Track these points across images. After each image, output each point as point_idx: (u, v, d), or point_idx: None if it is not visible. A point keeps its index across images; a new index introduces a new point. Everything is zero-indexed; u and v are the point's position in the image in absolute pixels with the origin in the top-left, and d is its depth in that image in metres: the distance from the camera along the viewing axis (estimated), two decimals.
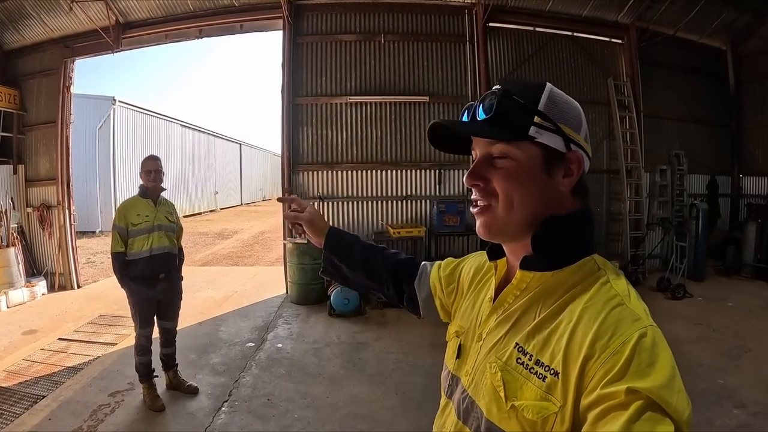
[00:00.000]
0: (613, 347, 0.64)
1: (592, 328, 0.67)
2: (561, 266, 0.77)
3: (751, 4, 8.44)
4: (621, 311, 0.68)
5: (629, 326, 0.66)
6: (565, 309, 0.73)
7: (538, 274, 0.78)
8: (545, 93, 0.78)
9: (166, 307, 3.84)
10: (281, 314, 6.12)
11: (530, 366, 0.72)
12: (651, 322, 0.68)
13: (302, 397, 3.89)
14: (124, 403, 3.71)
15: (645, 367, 0.61)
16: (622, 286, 0.74)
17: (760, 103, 9.21)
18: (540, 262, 0.78)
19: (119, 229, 3.60)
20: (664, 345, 0.65)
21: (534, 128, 0.76)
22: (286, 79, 7.06)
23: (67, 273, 7.59)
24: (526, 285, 0.80)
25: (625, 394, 0.59)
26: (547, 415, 0.68)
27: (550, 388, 0.68)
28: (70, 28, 7.41)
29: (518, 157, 0.77)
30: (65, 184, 7.60)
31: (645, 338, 0.64)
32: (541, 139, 0.76)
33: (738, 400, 3.79)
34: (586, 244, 0.80)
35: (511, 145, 0.77)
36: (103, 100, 14.46)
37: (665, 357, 0.64)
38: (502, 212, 0.78)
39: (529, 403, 0.70)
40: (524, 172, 0.77)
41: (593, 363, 0.65)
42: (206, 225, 17.66)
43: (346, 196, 7.26)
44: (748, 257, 7.99)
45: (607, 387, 0.62)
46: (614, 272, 0.77)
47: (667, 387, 0.60)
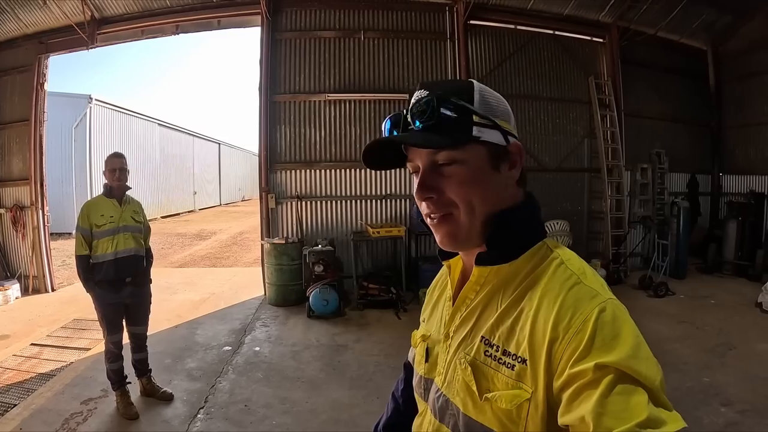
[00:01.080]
0: (576, 326, 0.65)
1: (552, 312, 0.68)
2: (516, 256, 0.77)
3: (731, 5, 8.52)
4: (578, 290, 0.69)
5: (588, 303, 0.67)
6: (525, 296, 0.74)
7: (494, 267, 0.78)
8: (476, 91, 0.78)
9: (135, 311, 3.70)
10: (259, 316, 6.01)
11: (498, 357, 0.73)
12: (609, 296, 0.69)
13: (281, 402, 3.79)
14: (97, 411, 3.58)
15: (609, 340, 0.62)
16: (577, 264, 0.75)
17: (740, 103, 9.32)
18: (495, 256, 0.78)
19: (82, 231, 3.46)
20: (625, 317, 0.66)
21: (476, 128, 0.75)
22: (263, 76, 6.94)
23: (41, 276, 7.39)
24: (484, 279, 0.80)
25: (593, 371, 0.60)
26: (520, 402, 0.69)
27: (520, 375, 0.69)
28: (44, 24, 7.21)
29: (467, 160, 0.76)
30: (39, 184, 7.41)
31: (605, 313, 0.65)
32: (484, 137, 0.76)
33: (725, 398, 3.78)
34: (536, 230, 0.81)
35: (457, 149, 0.76)
36: (80, 99, 14.18)
37: (627, 328, 0.64)
38: (465, 219, 0.77)
39: (502, 393, 0.71)
40: (476, 174, 0.76)
41: (558, 345, 0.65)
42: (184, 226, 17.46)
43: (324, 195, 7.16)
44: (728, 255, 8.06)
45: (575, 366, 0.62)
46: (567, 252, 0.78)
47: (633, 356, 0.61)
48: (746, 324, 5.60)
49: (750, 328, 5.47)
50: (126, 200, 3.64)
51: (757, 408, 3.65)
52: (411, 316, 5.88)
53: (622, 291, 6.92)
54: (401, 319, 5.82)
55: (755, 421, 3.49)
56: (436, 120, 0.74)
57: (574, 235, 7.49)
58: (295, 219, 7.05)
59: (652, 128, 8.85)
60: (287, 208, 7.10)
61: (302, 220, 7.05)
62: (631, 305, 0.70)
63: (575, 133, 8.10)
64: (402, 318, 5.87)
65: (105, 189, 3.60)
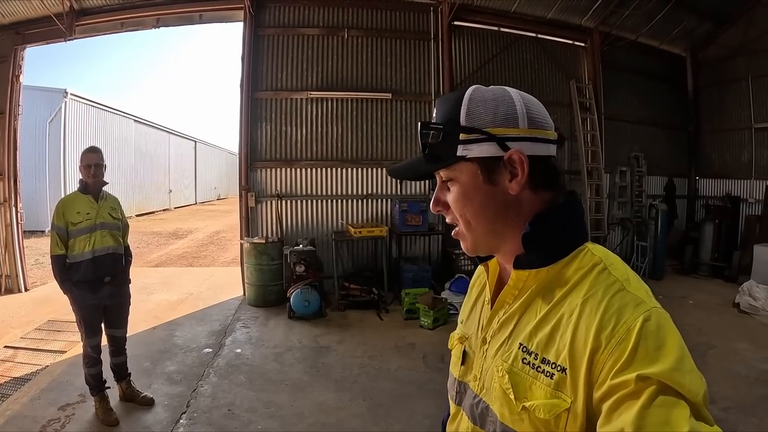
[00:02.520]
0: (619, 336, 0.63)
1: (595, 319, 0.66)
2: (554, 260, 0.75)
3: (712, 13, 8.72)
4: (622, 297, 0.67)
5: (632, 312, 0.65)
6: (566, 302, 0.72)
7: (533, 271, 0.76)
8: (463, 105, 0.76)
9: (114, 313, 3.58)
10: (239, 317, 5.93)
11: (536, 365, 0.71)
12: (654, 304, 0.67)
13: (265, 406, 3.73)
14: (75, 417, 3.47)
15: (653, 351, 0.61)
16: (621, 270, 0.73)
17: (717, 109, 9.55)
18: (532, 260, 0.76)
19: (58, 230, 3.33)
20: (670, 326, 0.65)
21: (461, 147, 0.75)
22: (245, 72, 6.84)
23: (14, 275, 7.17)
24: (522, 284, 0.78)
25: (635, 382, 0.59)
26: (558, 412, 0.67)
27: (559, 385, 0.68)
28: (21, 14, 6.99)
29: (458, 178, 0.78)
30: (12, 180, 7.18)
31: (649, 322, 0.63)
32: (471, 154, 0.75)
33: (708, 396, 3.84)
34: (576, 234, 0.78)
35: (449, 170, 0.78)
36: (55, 93, 13.81)
37: (672, 338, 0.63)
38: (465, 231, 0.80)
39: (540, 402, 0.69)
40: (467, 191, 0.77)
41: (600, 354, 0.64)
42: (160, 224, 17.17)
43: (305, 194, 7.09)
44: (705, 256, 8.24)
45: (617, 377, 0.61)
46: (611, 257, 0.76)
47: (677, 369, 0.59)
48: (724, 324, 5.76)
49: (728, 327, 5.63)
50: (103, 196, 3.52)
51: (739, 405, 3.76)
52: (393, 317, 5.87)
53: None
54: (383, 320, 5.80)
55: (738, 418, 3.58)
56: (426, 147, 0.78)
57: None
58: (275, 218, 6.96)
59: (631, 132, 9.03)
60: (267, 207, 7.01)
61: (282, 219, 6.97)
62: None
63: None
64: (384, 319, 5.84)
65: (80, 185, 3.47)
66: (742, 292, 6.28)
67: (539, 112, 0.78)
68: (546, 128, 0.78)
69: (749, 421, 3.55)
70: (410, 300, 5.75)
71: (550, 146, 0.78)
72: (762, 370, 4.40)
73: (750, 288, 6.23)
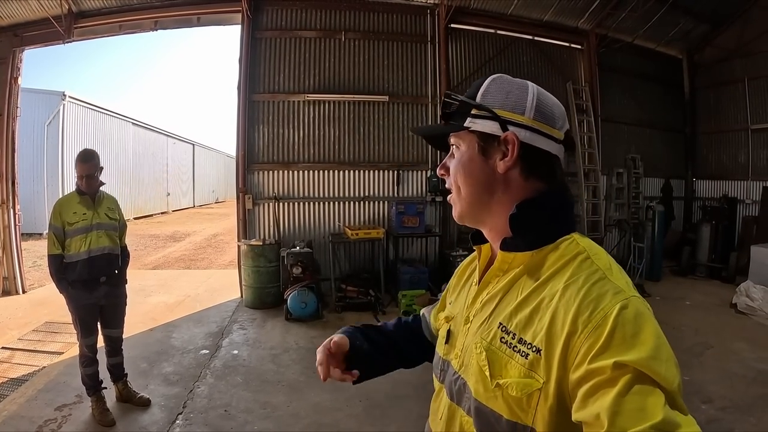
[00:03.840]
0: (596, 321, 0.64)
1: (574, 304, 0.68)
2: (540, 245, 0.78)
3: (708, 15, 8.76)
4: (602, 285, 0.69)
5: (611, 299, 0.66)
6: (547, 286, 0.74)
7: (519, 254, 0.79)
8: (484, 85, 0.84)
9: (110, 313, 3.58)
10: (236, 319, 5.93)
11: (513, 344, 0.73)
12: (633, 293, 0.69)
13: (261, 407, 3.73)
14: (71, 418, 3.48)
15: (629, 338, 0.62)
16: (604, 260, 0.75)
17: (714, 110, 9.59)
18: (519, 243, 0.79)
19: (55, 230, 3.35)
20: (648, 315, 0.66)
21: (469, 119, 0.82)
22: (242, 75, 6.85)
23: (12, 277, 7.15)
24: (507, 266, 0.81)
25: (612, 369, 0.60)
26: (531, 391, 0.69)
27: (533, 365, 0.70)
28: (20, 16, 7.01)
29: (460, 146, 0.84)
30: (10, 182, 7.18)
31: (627, 309, 0.65)
32: (475, 127, 0.82)
33: (705, 396, 3.88)
34: (565, 223, 0.82)
35: (457, 136, 0.85)
36: (53, 95, 13.80)
37: (650, 326, 0.64)
38: (455, 197, 0.86)
39: (513, 380, 0.71)
40: (465, 159, 0.83)
41: (577, 338, 0.65)
42: (158, 227, 17.14)
43: (302, 196, 7.10)
44: (702, 257, 8.25)
45: (593, 362, 0.62)
46: (595, 248, 0.78)
47: (654, 357, 0.61)
48: (722, 324, 5.76)
49: (725, 327, 5.64)
50: (100, 197, 3.53)
51: (736, 404, 3.77)
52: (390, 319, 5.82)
53: None
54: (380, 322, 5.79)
55: (735, 417, 3.59)
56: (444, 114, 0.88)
57: None
58: (272, 220, 6.97)
59: (628, 133, 9.06)
60: (264, 209, 7.02)
61: (280, 221, 6.97)
62: None
63: None
64: (381, 320, 5.83)
65: (77, 186, 3.48)
66: (739, 293, 6.29)
67: (552, 111, 0.82)
68: (552, 126, 0.82)
69: (746, 421, 3.56)
70: (407, 302, 5.76)
71: (552, 143, 0.82)
72: (759, 369, 4.41)
73: (747, 288, 6.25)
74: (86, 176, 3.42)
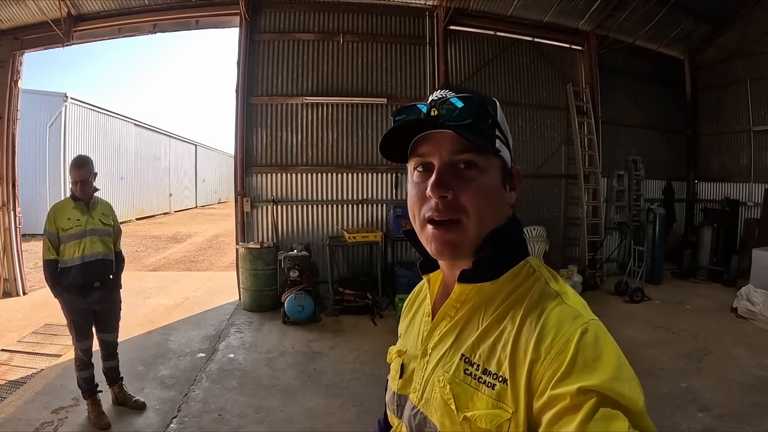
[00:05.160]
0: (557, 347, 0.64)
1: (534, 332, 0.67)
2: (499, 275, 0.76)
3: (709, 16, 8.71)
4: (561, 311, 0.69)
5: (570, 324, 0.66)
6: (507, 315, 0.72)
7: (476, 285, 0.76)
8: (499, 107, 0.79)
9: (104, 318, 3.61)
10: (234, 322, 5.94)
11: (478, 376, 0.72)
12: (591, 317, 0.69)
13: (255, 411, 3.74)
14: (68, 421, 3.51)
15: (591, 362, 0.61)
16: (559, 284, 0.75)
17: (716, 112, 9.53)
18: (478, 275, 0.76)
19: (49, 235, 3.38)
20: (606, 337, 0.66)
21: (498, 141, 0.77)
22: (241, 78, 6.85)
23: (12, 279, 7.19)
24: (465, 297, 0.78)
25: (576, 395, 0.59)
26: (500, 422, 0.67)
27: (500, 395, 0.68)
28: (20, 19, 7.04)
29: (487, 169, 0.75)
30: (11, 185, 7.22)
31: (587, 334, 0.64)
32: (502, 152, 0.77)
33: (702, 404, 3.84)
34: (519, 249, 0.80)
35: (481, 155, 0.74)
36: (54, 97, 13.86)
37: (609, 349, 0.64)
38: (473, 229, 0.74)
39: (481, 412, 0.69)
40: (492, 185, 0.76)
41: (540, 365, 0.64)
42: (159, 228, 17.19)
43: (300, 199, 7.10)
44: (703, 260, 8.19)
45: (556, 387, 0.61)
46: (548, 272, 0.78)
47: (616, 378, 0.60)
48: (722, 329, 5.71)
49: (725, 332, 5.58)
50: (94, 203, 3.55)
51: (734, 413, 3.73)
52: (387, 322, 5.86)
53: (598, 296, 7.00)
54: (377, 325, 5.80)
55: (733, 426, 3.55)
56: (472, 121, 0.73)
57: (551, 240, 7.52)
58: (270, 223, 6.98)
59: (629, 135, 9.02)
60: (263, 212, 7.02)
61: (278, 224, 6.98)
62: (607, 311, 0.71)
63: (552, 139, 8.18)
64: (378, 324, 5.84)
65: (72, 192, 3.51)
66: (740, 297, 6.23)
67: None
68: None
69: (743, 429, 3.52)
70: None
71: None
72: (758, 376, 4.36)
73: (748, 292, 6.18)
74: (80, 182, 3.43)
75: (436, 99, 0.76)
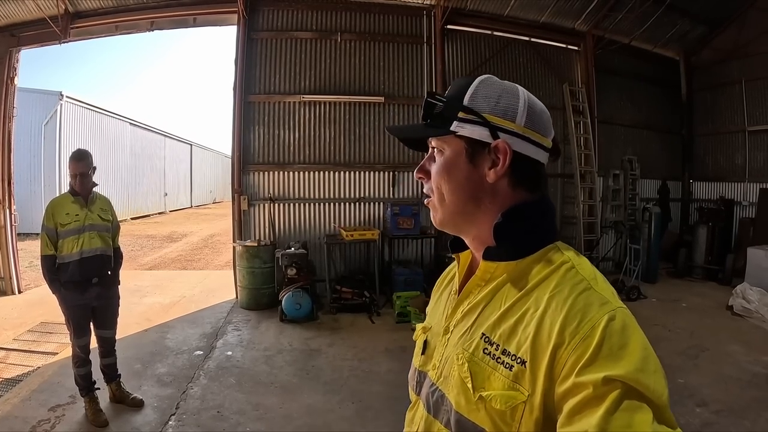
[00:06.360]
0: (583, 332, 0.63)
1: (560, 315, 0.66)
2: (524, 255, 0.76)
3: (705, 16, 8.77)
4: (588, 295, 0.68)
5: (597, 310, 0.65)
6: (531, 296, 0.72)
7: (501, 264, 0.77)
8: (471, 87, 0.79)
9: (102, 314, 3.58)
10: (231, 320, 5.91)
11: (496, 356, 0.71)
12: (620, 304, 0.67)
13: (254, 408, 3.73)
14: (65, 418, 3.47)
15: (617, 350, 0.61)
16: (588, 270, 0.74)
17: (711, 112, 9.59)
18: (502, 252, 0.77)
19: (47, 230, 3.34)
20: (634, 326, 0.65)
21: (456, 123, 0.78)
22: (238, 76, 6.85)
23: (7, 277, 7.13)
24: (490, 275, 0.79)
25: (600, 384, 0.58)
26: (515, 404, 0.67)
27: (517, 377, 0.68)
28: (16, 16, 6.99)
29: (445, 151, 0.80)
30: (6, 182, 7.17)
31: (614, 321, 0.63)
32: (462, 132, 0.78)
33: (700, 399, 3.87)
34: (548, 233, 0.79)
35: (441, 140, 0.80)
36: (50, 95, 13.77)
37: (637, 338, 0.63)
38: (437, 204, 0.82)
39: (497, 393, 0.69)
40: (450, 165, 0.79)
41: (564, 350, 0.64)
42: (155, 227, 17.12)
43: (298, 197, 7.09)
44: (698, 259, 8.26)
45: (581, 375, 0.61)
46: (578, 257, 0.77)
47: (641, 369, 0.60)
48: (717, 326, 5.76)
49: (721, 330, 5.63)
50: (93, 198, 3.52)
51: (731, 408, 3.76)
52: (384, 320, 5.87)
53: None
54: (374, 323, 5.80)
55: (730, 421, 3.58)
56: (426, 115, 0.82)
57: None
58: (267, 221, 6.96)
59: (625, 135, 9.08)
60: (260, 210, 7.01)
61: (275, 222, 6.97)
62: None
63: None
64: (375, 322, 5.84)
65: (70, 187, 3.48)
66: (736, 295, 6.29)
67: (541, 117, 0.79)
68: (542, 134, 0.79)
69: (741, 424, 3.55)
70: (402, 303, 5.75)
71: (541, 152, 0.79)
72: (754, 372, 4.40)
73: (743, 290, 6.24)
74: (80, 174, 3.40)
75: None
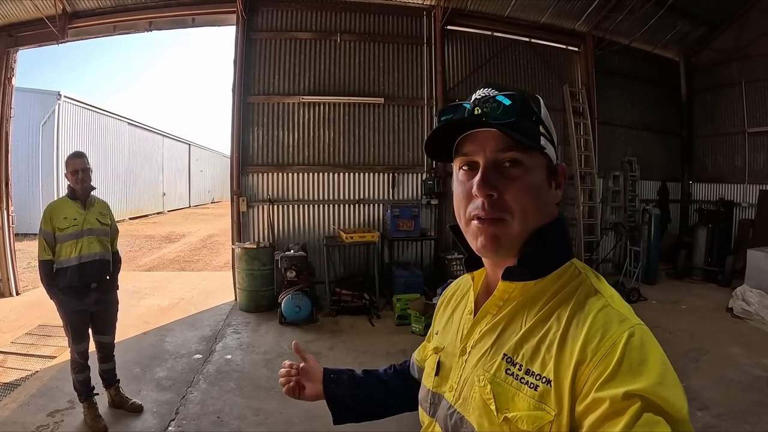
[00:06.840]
0: (604, 349, 0.64)
1: (581, 333, 0.67)
2: (544, 274, 0.76)
3: (705, 18, 8.76)
4: (607, 313, 0.68)
5: (617, 327, 0.66)
6: (552, 316, 0.72)
7: (521, 283, 0.76)
8: (542, 105, 0.78)
9: (101, 320, 3.54)
10: (230, 323, 5.88)
11: (520, 376, 0.71)
12: (638, 321, 0.69)
13: (254, 413, 3.69)
14: (63, 424, 3.44)
15: (636, 365, 0.61)
16: (605, 288, 0.75)
17: (710, 113, 9.60)
18: (524, 273, 0.76)
19: (45, 235, 3.29)
20: (653, 342, 0.66)
21: (543, 139, 0.76)
22: (237, 76, 6.82)
23: (5, 279, 7.09)
24: (509, 295, 0.78)
25: (621, 399, 0.59)
26: (542, 424, 0.67)
27: (543, 396, 0.67)
28: (14, 16, 6.96)
29: (532, 168, 0.75)
30: (4, 183, 7.12)
31: (634, 337, 0.64)
32: (547, 150, 0.77)
33: (701, 402, 3.85)
34: (565, 250, 0.80)
35: (526, 153, 0.74)
36: (48, 95, 13.73)
37: (655, 353, 0.64)
38: (517, 227, 0.75)
39: (523, 413, 0.68)
40: (537, 183, 0.76)
41: (586, 367, 0.64)
42: (153, 227, 17.07)
43: (297, 199, 7.07)
44: (698, 261, 8.25)
45: (601, 390, 0.61)
46: (594, 275, 0.77)
47: (660, 383, 0.60)
48: (718, 328, 5.74)
49: (722, 332, 5.61)
50: (91, 201, 3.48)
51: (733, 411, 3.74)
52: (384, 323, 5.84)
53: None
54: (374, 326, 5.77)
55: (732, 425, 3.56)
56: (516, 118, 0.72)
57: None
58: (266, 223, 6.93)
59: (625, 136, 9.07)
60: (259, 212, 6.98)
61: (274, 224, 6.94)
62: None
63: None
64: (375, 324, 5.81)
65: (69, 191, 3.43)
66: (736, 297, 6.28)
67: None
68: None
69: (742, 428, 3.54)
70: (402, 306, 5.72)
71: None
72: (755, 375, 4.39)
73: (743, 292, 6.23)
74: (81, 170, 3.36)
75: (480, 97, 0.76)
